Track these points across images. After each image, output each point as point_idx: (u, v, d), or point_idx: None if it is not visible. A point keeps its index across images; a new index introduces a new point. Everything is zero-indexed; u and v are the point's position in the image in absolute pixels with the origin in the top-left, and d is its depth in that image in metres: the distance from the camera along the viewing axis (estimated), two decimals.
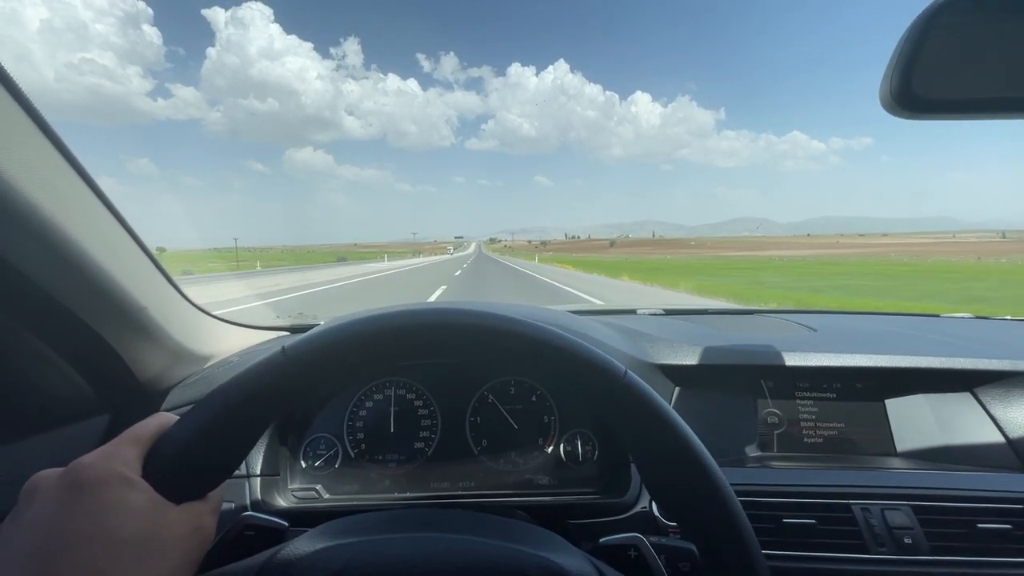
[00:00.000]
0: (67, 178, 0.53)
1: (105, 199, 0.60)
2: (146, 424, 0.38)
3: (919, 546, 0.65)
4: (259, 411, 0.38)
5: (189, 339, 0.80)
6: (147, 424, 0.38)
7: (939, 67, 0.43)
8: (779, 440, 0.85)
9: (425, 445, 0.77)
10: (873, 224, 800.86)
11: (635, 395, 0.39)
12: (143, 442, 0.36)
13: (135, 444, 0.36)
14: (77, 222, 0.53)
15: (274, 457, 0.73)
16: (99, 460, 0.33)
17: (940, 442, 0.81)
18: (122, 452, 0.35)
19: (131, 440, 0.36)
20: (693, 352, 0.85)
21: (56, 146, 0.51)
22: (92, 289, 0.58)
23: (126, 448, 0.35)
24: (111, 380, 0.68)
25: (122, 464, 0.34)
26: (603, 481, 0.76)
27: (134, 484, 0.33)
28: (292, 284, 15.82)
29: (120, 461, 0.34)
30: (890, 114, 0.46)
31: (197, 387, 0.79)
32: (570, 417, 0.79)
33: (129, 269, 0.64)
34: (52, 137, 0.51)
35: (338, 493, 0.74)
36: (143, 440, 0.36)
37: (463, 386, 0.80)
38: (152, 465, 0.35)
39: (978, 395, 0.83)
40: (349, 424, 0.78)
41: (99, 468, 0.33)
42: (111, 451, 0.35)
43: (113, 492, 0.32)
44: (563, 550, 0.41)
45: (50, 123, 0.49)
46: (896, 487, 0.71)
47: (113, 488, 0.32)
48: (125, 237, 0.65)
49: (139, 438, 0.36)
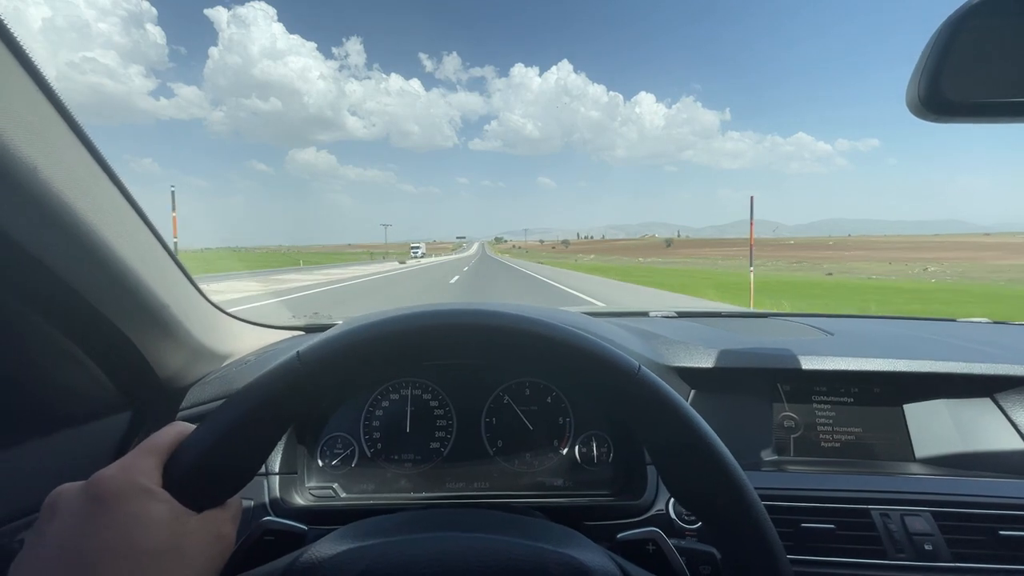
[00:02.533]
0: (95, 176, 0.54)
1: (130, 197, 0.60)
2: (163, 434, 0.38)
3: (939, 553, 0.65)
4: (275, 417, 0.39)
5: (208, 337, 0.81)
6: (164, 434, 0.38)
7: (968, 70, 0.42)
8: (796, 444, 0.84)
9: (441, 445, 0.78)
10: (880, 227, 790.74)
11: (649, 391, 0.39)
12: (161, 452, 0.36)
13: (153, 454, 0.36)
14: (103, 219, 0.53)
15: (292, 456, 0.73)
16: (119, 472, 0.33)
17: (960, 448, 0.80)
18: (141, 463, 0.35)
19: (149, 451, 0.36)
20: (709, 355, 0.85)
21: (84, 144, 0.52)
22: (117, 286, 0.58)
23: (145, 459, 0.35)
24: (133, 377, 0.69)
25: (142, 475, 0.34)
26: (619, 483, 0.75)
27: (155, 495, 0.33)
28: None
29: (140, 472, 0.34)
30: (917, 117, 0.46)
31: (215, 386, 0.80)
32: (585, 419, 0.79)
33: (152, 267, 0.64)
34: (81, 135, 0.51)
35: (355, 492, 0.75)
36: (161, 450, 0.36)
37: (479, 387, 0.80)
38: (171, 475, 0.35)
39: (999, 401, 0.82)
40: (365, 424, 0.78)
41: (119, 480, 0.33)
42: (130, 463, 0.35)
43: (134, 504, 0.32)
44: (584, 546, 0.41)
45: (80, 125, 0.50)
46: (916, 493, 0.70)
47: (134, 500, 0.32)
48: (148, 235, 0.65)
49: (157, 448, 0.36)
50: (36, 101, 0.46)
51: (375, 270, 27.25)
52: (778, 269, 35.68)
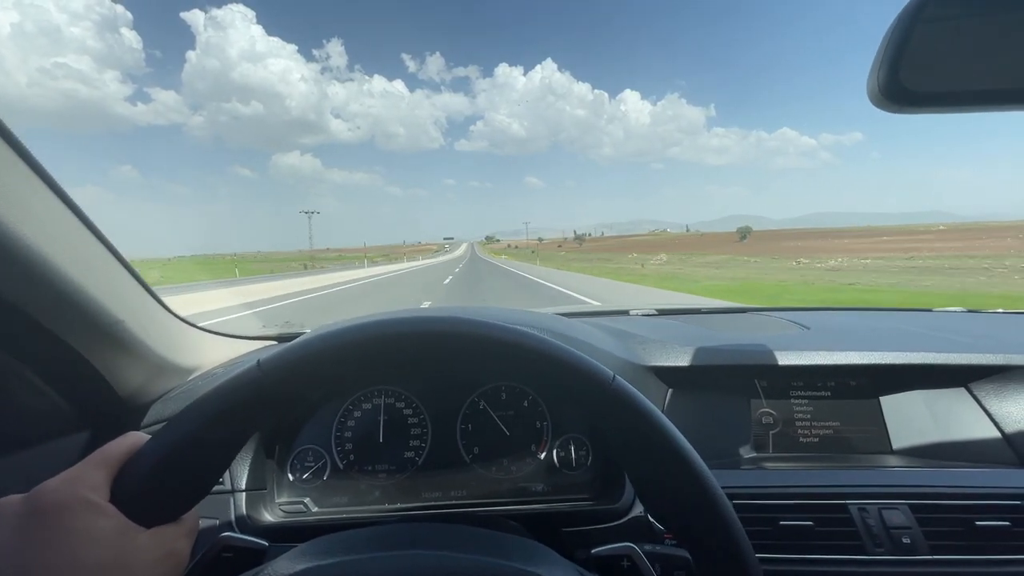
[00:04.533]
0: (31, 186, 0.51)
1: (75, 207, 0.58)
2: (115, 444, 0.36)
3: (918, 546, 0.65)
4: (235, 428, 0.37)
5: (171, 351, 0.78)
6: (116, 444, 0.36)
7: (926, 60, 0.42)
8: (774, 440, 0.84)
9: (415, 454, 0.76)
10: (866, 219, 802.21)
11: (624, 401, 0.39)
12: (111, 464, 0.35)
13: (102, 466, 0.34)
14: (42, 231, 0.51)
15: (260, 470, 0.71)
16: (63, 484, 0.32)
17: (936, 439, 0.80)
18: (88, 475, 0.33)
19: (98, 462, 0.34)
20: (685, 353, 0.84)
21: (18, 152, 0.49)
22: (62, 302, 0.56)
23: (93, 471, 0.34)
24: (89, 395, 0.66)
25: (87, 488, 0.32)
26: (597, 487, 0.74)
27: (100, 509, 0.32)
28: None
29: (85, 485, 0.32)
30: (878, 108, 0.45)
31: (179, 400, 0.77)
32: (563, 422, 0.77)
33: (103, 280, 0.62)
34: (13, 143, 0.48)
35: (327, 506, 0.72)
36: (111, 462, 0.35)
37: (453, 393, 0.78)
38: (120, 488, 0.34)
39: (973, 390, 0.83)
40: (337, 435, 0.76)
41: (62, 493, 0.31)
42: (76, 475, 0.33)
43: (77, 518, 0.31)
44: (552, 563, 0.40)
45: (12, 129, 0.47)
46: (893, 486, 0.70)
47: (77, 514, 0.31)
48: (97, 247, 0.62)
49: (107, 459, 0.35)
50: None
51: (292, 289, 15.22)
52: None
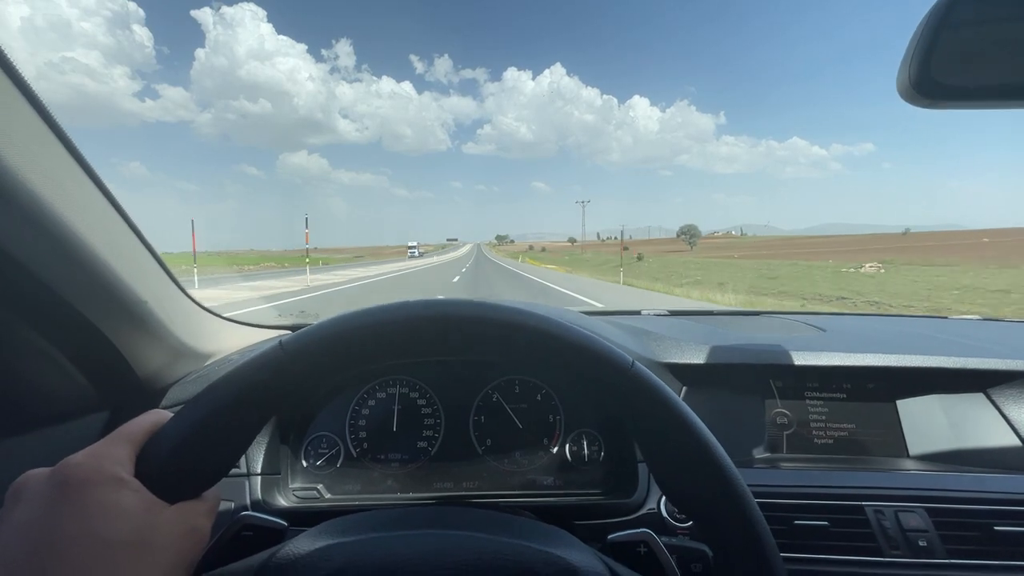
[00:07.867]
0: (69, 170, 0.53)
1: (108, 193, 0.59)
2: (139, 421, 0.36)
3: (934, 549, 0.64)
4: (256, 407, 0.37)
5: (190, 336, 0.79)
6: (140, 421, 0.36)
7: (959, 53, 0.42)
8: (788, 441, 0.83)
9: (428, 444, 0.76)
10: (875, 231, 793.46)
11: (643, 386, 0.38)
12: (136, 440, 0.35)
13: (127, 442, 0.34)
14: (78, 214, 0.52)
15: (275, 456, 0.71)
16: (89, 459, 0.32)
17: (953, 444, 0.79)
18: (113, 450, 0.33)
19: (123, 438, 0.35)
20: (700, 351, 0.84)
21: (59, 138, 0.51)
22: (92, 282, 0.57)
23: (118, 446, 0.34)
24: (110, 376, 0.67)
25: (113, 463, 0.32)
26: (609, 482, 0.74)
27: (125, 483, 0.32)
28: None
29: (111, 460, 0.33)
30: (908, 103, 0.45)
31: (196, 384, 0.78)
32: (576, 417, 0.77)
33: (131, 264, 0.63)
34: (60, 134, 0.50)
35: (340, 493, 0.73)
36: (136, 438, 0.35)
37: (467, 384, 0.79)
38: (145, 464, 0.34)
39: (992, 396, 0.81)
40: (351, 423, 0.76)
41: (88, 467, 0.31)
42: (102, 450, 0.33)
43: (103, 492, 0.31)
44: (572, 546, 0.40)
45: (55, 117, 0.49)
46: (910, 489, 0.69)
47: (103, 488, 0.31)
48: (127, 232, 0.64)
49: (132, 436, 0.35)
50: (12, 100, 0.44)
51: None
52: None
